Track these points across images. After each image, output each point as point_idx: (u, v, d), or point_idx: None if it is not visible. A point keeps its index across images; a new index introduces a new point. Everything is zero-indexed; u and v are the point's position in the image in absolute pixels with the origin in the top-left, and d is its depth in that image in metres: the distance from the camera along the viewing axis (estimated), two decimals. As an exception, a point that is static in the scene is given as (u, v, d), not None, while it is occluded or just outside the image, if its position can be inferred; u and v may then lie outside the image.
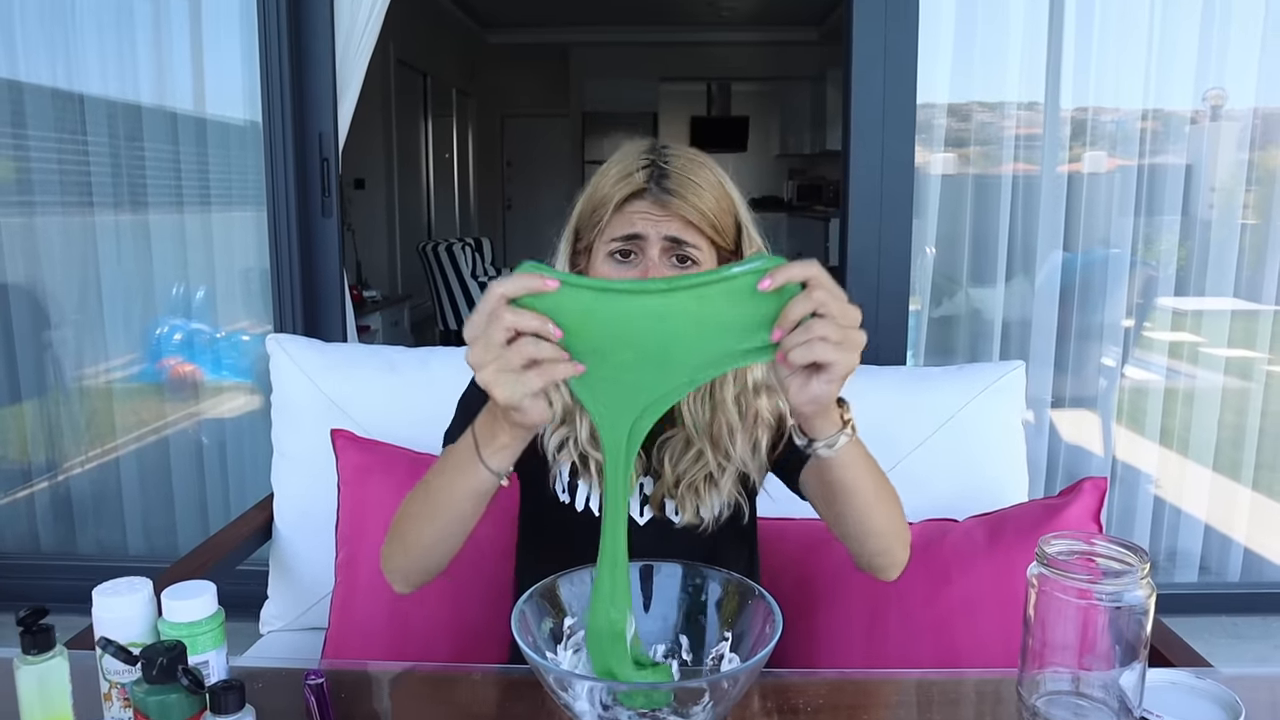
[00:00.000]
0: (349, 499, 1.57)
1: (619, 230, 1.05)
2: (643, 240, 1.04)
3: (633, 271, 1.05)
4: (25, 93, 2.64)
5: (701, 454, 1.12)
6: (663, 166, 1.05)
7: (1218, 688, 0.92)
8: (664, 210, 1.03)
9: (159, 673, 0.71)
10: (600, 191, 1.06)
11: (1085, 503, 1.46)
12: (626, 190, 1.04)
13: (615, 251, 1.06)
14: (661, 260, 1.05)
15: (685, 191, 1.04)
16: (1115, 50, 2.55)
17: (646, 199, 1.04)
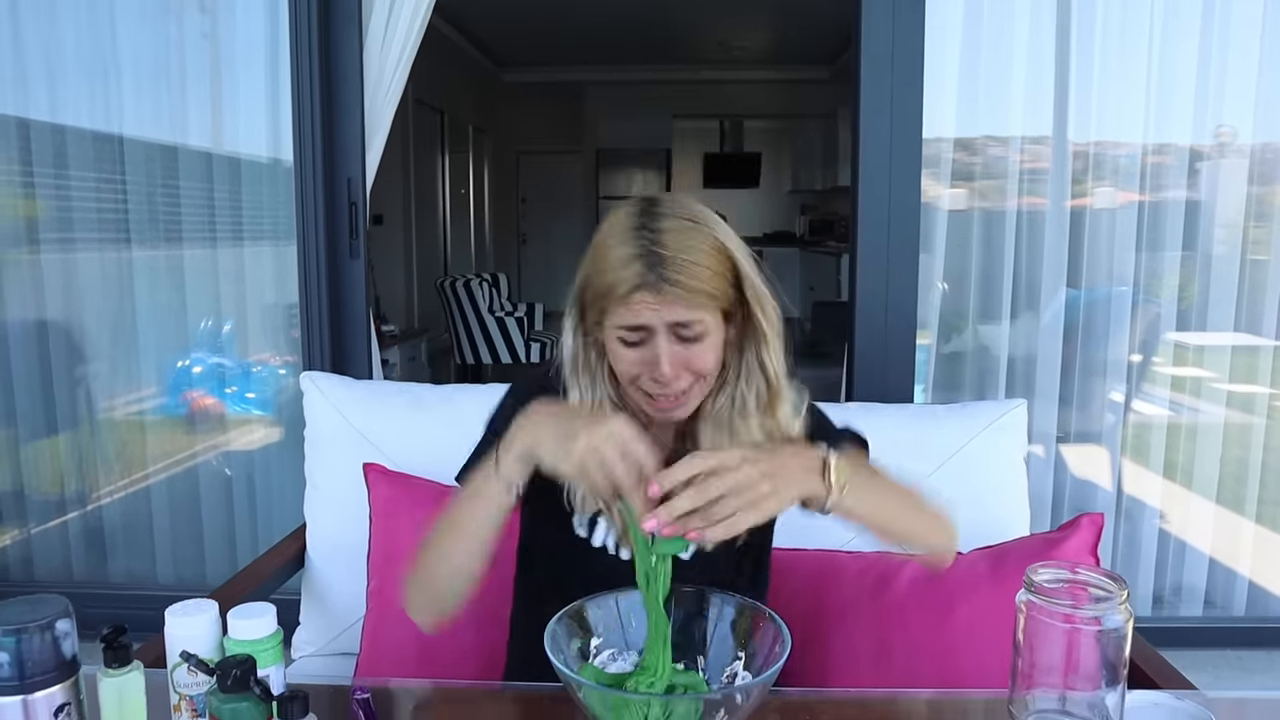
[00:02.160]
0: (380, 530, 1.65)
1: (624, 320, 1.09)
2: (649, 329, 1.09)
3: (644, 353, 1.10)
4: (68, 135, 2.75)
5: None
6: (657, 252, 1.06)
7: (1195, 707, 0.99)
8: (664, 299, 1.06)
9: (233, 683, 0.80)
10: (601, 280, 1.09)
11: (1083, 537, 1.53)
12: (624, 286, 1.06)
13: (625, 341, 1.11)
14: (670, 341, 1.09)
15: (682, 276, 1.06)
16: (1120, 86, 2.61)
17: (646, 290, 1.06)
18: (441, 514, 1.14)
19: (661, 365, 1.08)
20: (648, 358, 1.10)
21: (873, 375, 2.58)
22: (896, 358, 2.60)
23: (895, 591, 1.52)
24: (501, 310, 6.61)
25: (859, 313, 2.58)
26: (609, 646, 1.03)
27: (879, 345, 2.59)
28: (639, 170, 10.32)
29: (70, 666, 0.77)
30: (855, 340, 2.60)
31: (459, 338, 6.54)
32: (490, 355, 6.54)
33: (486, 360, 6.56)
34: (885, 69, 2.52)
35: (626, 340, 1.10)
